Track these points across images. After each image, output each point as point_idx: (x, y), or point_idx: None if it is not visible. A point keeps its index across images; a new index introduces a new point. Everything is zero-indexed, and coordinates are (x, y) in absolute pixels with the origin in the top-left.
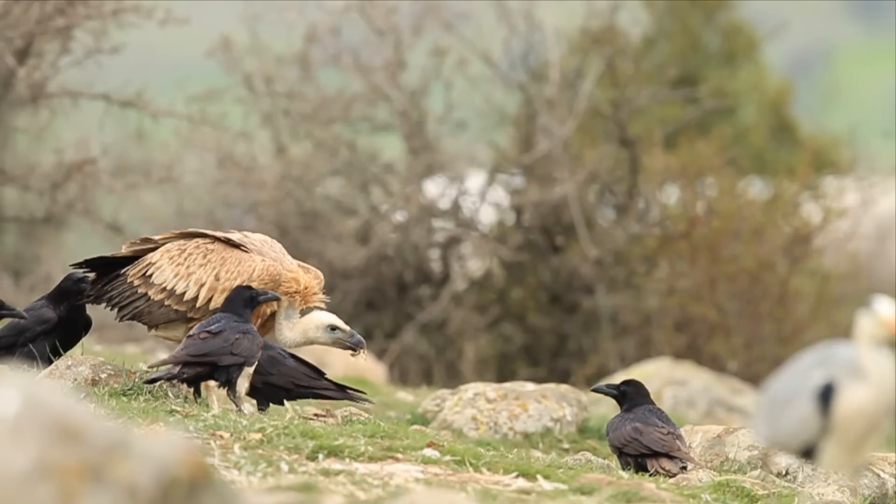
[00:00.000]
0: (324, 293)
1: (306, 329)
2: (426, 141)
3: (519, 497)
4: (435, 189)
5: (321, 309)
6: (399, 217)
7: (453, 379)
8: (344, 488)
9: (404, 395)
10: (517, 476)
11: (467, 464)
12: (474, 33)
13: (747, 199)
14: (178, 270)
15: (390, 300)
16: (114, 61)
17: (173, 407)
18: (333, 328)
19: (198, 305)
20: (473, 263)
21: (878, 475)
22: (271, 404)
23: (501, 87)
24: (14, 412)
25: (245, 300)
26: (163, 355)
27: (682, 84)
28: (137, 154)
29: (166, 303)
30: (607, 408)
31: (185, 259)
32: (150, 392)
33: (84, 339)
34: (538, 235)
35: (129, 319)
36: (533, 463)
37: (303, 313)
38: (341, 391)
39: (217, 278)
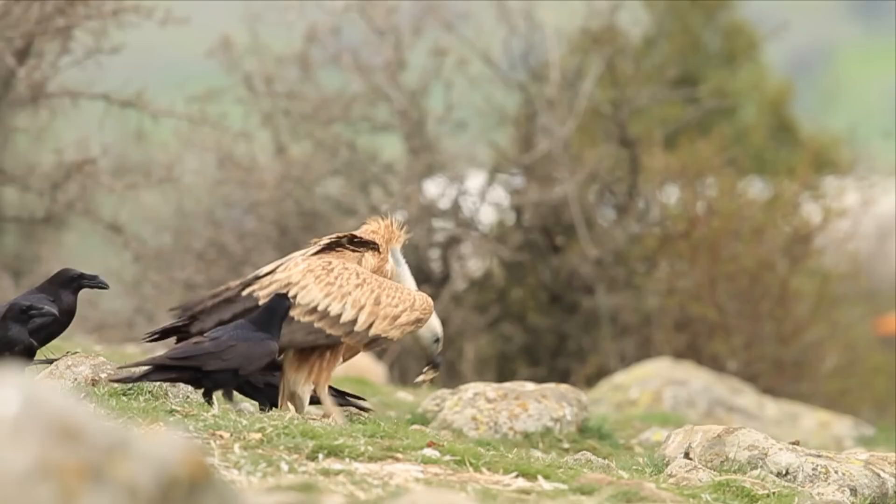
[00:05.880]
0: None
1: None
2: (426, 141)
3: (519, 497)
4: (435, 189)
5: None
6: (399, 217)
7: (453, 379)
8: (344, 488)
9: (404, 395)
10: (517, 476)
11: (467, 464)
12: (474, 33)
13: (747, 199)
14: (328, 290)
15: None
16: (114, 61)
17: (173, 407)
18: (437, 340)
19: (356, 329)
20: (473, 263)
21: (878, 475)
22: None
23: (501, 87)
24: (14, 412)
25: (284, 312)
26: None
27: (682, 84)
28: (137, 154)
29: (316, 325)
30: (607, 408)
31: (336, 278)
32: (150, 392)
33: (84, 339)
34: (538, 235)
35: None
36: (533, 463)
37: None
38: (341, 396)
39: (377, 302)
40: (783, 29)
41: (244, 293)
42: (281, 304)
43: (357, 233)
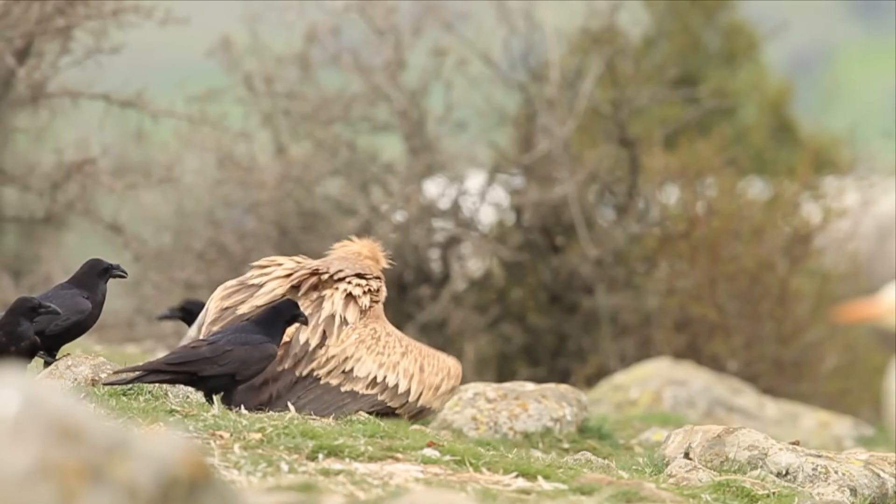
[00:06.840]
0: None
1: None
2: (426, 141)
3: (519, 497)
4: (435, 189)
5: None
6: (399, 217)
7: None
8: (344, 488)
9: None
10: (517, 476)
11: (467, 464)
12: (474, 33)
13: (747, 199)
14: (380, 360)
15: (390, 300)
16: (114, 61)
17: (173, 407)
18: None
19: (409, 400)
20: (473, 263)
21: (878, 475)
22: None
23: (501, 87)
24: (14, 412)
25: (290, 318)
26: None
27: (682, 84)
28: (137, 154)
29: (379, 398)
30: (607, 408)
31: (384, 347)
32: (150, 392)
33: (84, 339)
34: (538, 235)
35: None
36: (533, 463)
37: None
38: None
39: (422, 370)
40: (783, 29)
41: (301, 373)
42: (288, 307)
43: (345, 257)
